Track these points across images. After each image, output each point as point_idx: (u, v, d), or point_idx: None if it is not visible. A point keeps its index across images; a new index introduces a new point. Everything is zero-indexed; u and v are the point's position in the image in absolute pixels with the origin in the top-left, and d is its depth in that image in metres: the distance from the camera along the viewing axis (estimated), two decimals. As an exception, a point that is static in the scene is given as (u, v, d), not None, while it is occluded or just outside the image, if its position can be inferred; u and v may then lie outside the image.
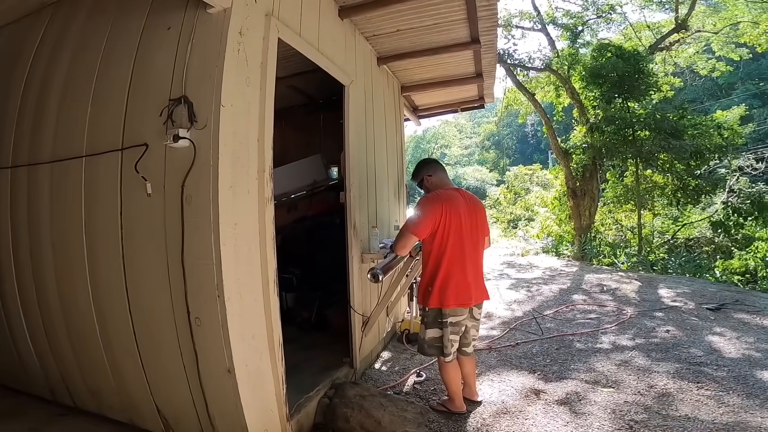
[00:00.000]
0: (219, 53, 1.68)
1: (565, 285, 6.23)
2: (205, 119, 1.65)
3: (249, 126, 1.83)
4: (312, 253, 3.90)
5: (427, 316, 2.42)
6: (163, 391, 1.97)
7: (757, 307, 4.55)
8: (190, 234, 1.67)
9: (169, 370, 1.88)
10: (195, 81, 1.71)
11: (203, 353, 1.75)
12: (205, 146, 1.64)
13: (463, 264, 2.33)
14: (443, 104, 5.78)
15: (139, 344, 1.95)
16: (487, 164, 34.32)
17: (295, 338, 3.43)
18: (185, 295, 1.71)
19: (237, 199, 1.72)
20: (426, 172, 2.53)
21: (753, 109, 17.38)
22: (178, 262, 1.70)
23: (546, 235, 11.33)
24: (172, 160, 1.72)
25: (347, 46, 3.05)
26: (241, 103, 1.78)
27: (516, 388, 2.86)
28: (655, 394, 2.67)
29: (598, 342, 3.71)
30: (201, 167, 1.64)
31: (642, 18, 13.67)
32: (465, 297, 2.34)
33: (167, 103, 1.71)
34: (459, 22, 3.25)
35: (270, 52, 1.97)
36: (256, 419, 1.84)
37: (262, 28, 1.95)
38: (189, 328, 1.74)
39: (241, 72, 1.79)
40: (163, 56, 1.81)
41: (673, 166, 8.33)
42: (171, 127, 1.66)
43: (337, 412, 2.38)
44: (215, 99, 1.64)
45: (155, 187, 1.75)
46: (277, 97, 2.00)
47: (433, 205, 2.30)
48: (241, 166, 1.75)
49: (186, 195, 1.67)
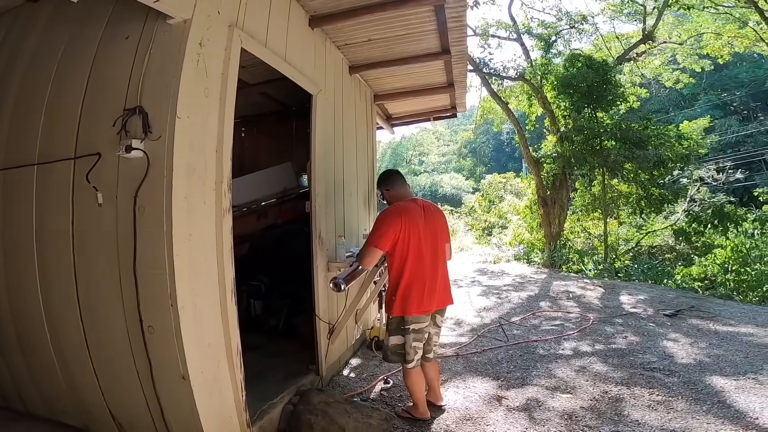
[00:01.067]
0: (177, 64, 1.69)
1: (533, 292, 6.38)
2: (160, 130, 1.66)
3: (206, 137, 1.85)
4: (281, 260, 3.89)
5: (390, 323, 2.48)
6: (117, 398, 1.96)
7: (712, 313, 4.77)
8: (142, 244, 1.68)
9: (123, 378, 1.88)
10: (151, 91, 1.72)
11: (157, 361, 1.76)
12: (159, 157, 1.65)
13: (423, 272, 2.40)
14: (416, 113, 5.87)
15: (91, 351, 1.93)
16: (464, 171, 34.88)
17: (261, 346, 3.44)
18: (138, 304, 1.71)
19: (192, 210, 1.73)
20: (384, 186, 2.61)
21: (715, 119, 18.24)
22: (131, 272, 1.70)
23: (518, 243, 11.59)
24: (125, 170, 1.72)
25: (317, 55, 3.09)
26: (199, 114, 1.80)
27: (479, 394, 2.93)
28: (609, 399, 2.77)
29: (560, 348, 3.82)
30: (154, 178, 1.65)
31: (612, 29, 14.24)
32: (426, 304, 2.41)
33: (122, 113, 1.71)
34: (429, 33, 3.33)
35: (232, 63, 1.99)
36: (214, 425, 1.85)
37: (225, 39, 1.96)
38: (142, 337, 1.74)
39: (200, 83, 1.81)
40: (120, 66, 1.81)
41: (637, 176, 8.67)
42: (124, 138, 1.67)
43: (301, 418, 2.39)
44: (171, 110, 1.66)
45: (107, 197, 1.75)
46: (249, 104, 2.03)
47: (392, 219, 2.37)
48: (197, 178, 1.77)
49: (139, 206, 1.67)
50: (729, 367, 3.19)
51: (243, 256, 3.72)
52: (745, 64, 20.92)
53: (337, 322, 3.14)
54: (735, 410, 2.55)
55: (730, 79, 21.03)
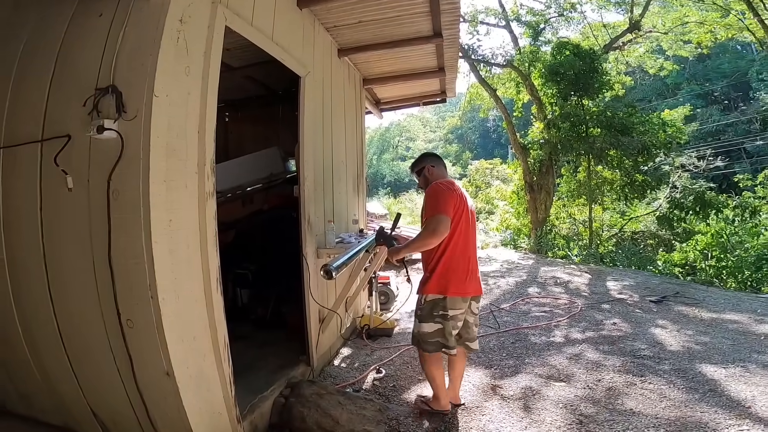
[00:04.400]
0: (154, 41, 1.57)
1: (521, 278, 6.41)
2: (135, 110, 1.54)
3: (188, 117, 1.73)
4: (269, 248, 3.80)
5: (423, 308, 2.35)
6: (98, 395, 1.87)
7: (696, 299, 4.84)
8: (117, 231, 1.57)
9: (102, 374, 1.78)
10: (125, 70, 1.60)
11: (138, 356, 1.66)
12: (134, 138, 1.53)
13: (467, 252, 2.33)
14: (406, 98, 5.78)
15: (67, 347, 1.83)
16: (450, 157, 34.90)
17: (249, 336, 3.35)
18: (114, 296, 1.60)
19: (172, 194, 1.62)
20: (429, 163, 2.52)
21: (697, 108, 18.66)
22: (105, 261, 1.59)
23: (505, 228, 11.69)
24: (96, 152, 1.59)
25: (305, 37, 2.96)
26: (179, 93, 1.68)
27: (474, 383, 2.90)
28: (603, 388, 2.76)
29: (551, 335, 3.82)
30: (130, 160, 1.53)
31: (599, 18, 14.29)
32: (467, 285, 2.32)
33: (93, 93, 1.58)
34: (421, 15, 3.22)
35: (215, 41, 1.87)
36: (203, 422, 1.77)
37: (208, 16, 1.84)
38: (120, 331, 1.64)
39: (181, 61, 1.68)
40: (92, 44, 1.68)
41: (621, 162, 8.79)
42: (96, 118, 1.54)
43: (293, 411, 2.33)
44: (148, 88, 1.53)
45: (78, 181, 1.62)
46: (233, 88, 1.91)
47: (450, 191, 2.28)
48: (177, 160, 1.65)
49: (113, 189, 1.55)
50: (717, 355, 3.21)
51: (228, 244, 3.61)
52: (727, 56, 21.35)
53: (329, 310, 3.08)
54: (727, 399, 2.55)
55: (713, 69, 21.47)
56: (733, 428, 2.21)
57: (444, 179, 2.43)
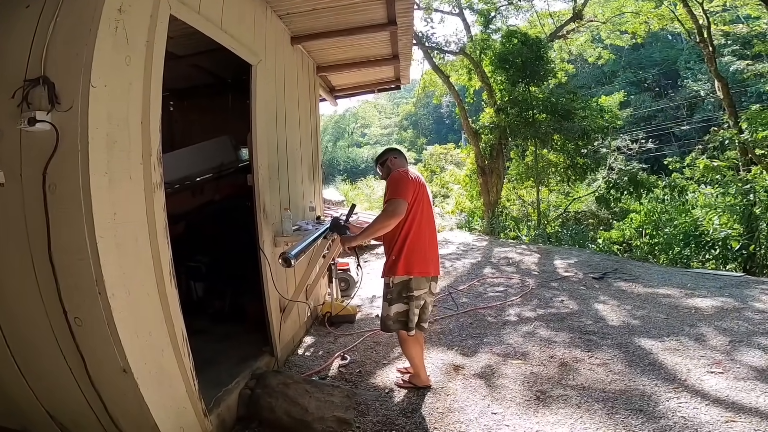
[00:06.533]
0: (90, 31, 1.50)
1: (476, 259, 6.65)
2: (71, 101, 1.47)
3: (129, 107, 1.66)
4: (223, 238, 3.71)
5: (391, 291, 2.46)
6: (53, 397, 1.81)
7: (633, 275, 5.19)
8: (57, 226, 1.50)
9: (54, 376, 1.72)
10: (57, 60, 1.52)
11: (90, 355, 1.62)
12: (71, 130, 1.46)
13: (428, 234, 2.50)
14: (360, 85, 5.78)
15: (12, 350, 1.75)
16: (405, 143, 35.27)
17: (207, 330, 3.27)
18: (58, 294, 1.54)
19: (115, 187, 1.57)
20: (392, 155, 2.74)
21: (631, 95, 19.98)
22: (45, 258, 1.52)
23: (459, 211, 12.08)
24: (29, 145, 1.51)
25: (257, 25, 2.90)
26: (119, 83, 1.61)
27: (437, 365, 3.00)
28: (556, 364, 2.92)
29: (506, 315, 4.00)
30: (66, 152, 1.46)
31: (546, 7, 14.85)
32: (428, 266, 2.47)
33: (22, 84, 1.49)
34: (376, 3, 3.24)
35: (159, 29, 1.79)
36: (168, 418, 1.76)
37: (150, 5, 1.76)
38: (69, 330, 1.58)
39: (120, 51, 1.61)
40: (19, 35, 1.59)
41: (564, 146, 9.34)
42: (26, 110, 1.45)
43: (260, 402, 2.32)
44: (84, 79, 1.46)
45: (10, 176, 1.54)
46: (178, 77, 1.84)
47: (408, 178, 2.43)
48: (119, 150, 1.59)
49: (49, 183, 1.48)
50: (654, 329, 3.42)
51: (179, 236, 3.48)
52: (659, 45, 22.92)
53: (290, 299, 3.09)
54: (665, 372, 2.73)
55: (646, 58, 22.98)
56: (673, 400, 2.38)
57: (403, 168, 2.58)
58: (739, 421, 2.16)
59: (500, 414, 2.37)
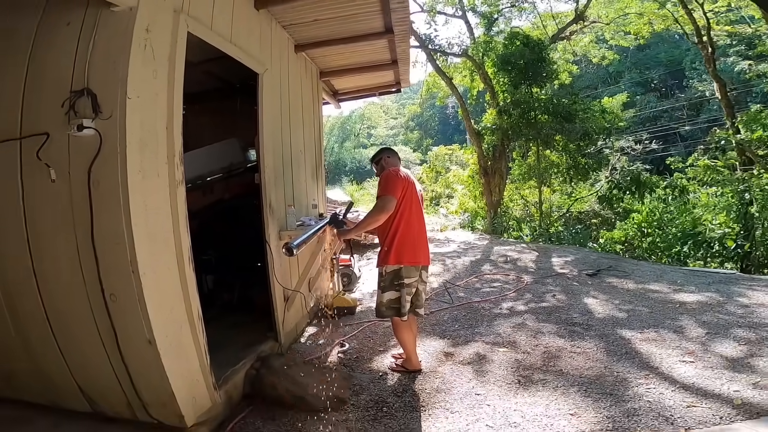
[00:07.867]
0: (124, 49, 1.77)
1: (476, 257, 6.76)
2: (110, 110, 1.75)
3: (157, 115, 1.94)
4: (232, 234, 3.95)
5: (384, 279, 2.70)
6: (84, 371, 2.05)
7: (626, 272, 5.26)
8: (99, 216, 1.78)
9: (88, 349, 1.97)
10: (98, 74, 1.79)
11: (122, 327, 1.88)
12: (111, 134, 1.74)
13: (418, 227, 2.73)
14: (362, 88, 5.99)
15: (53, 326, 2.01)
16: (411, 144, 35.38)
17: (217, 318, 3.46)
18: (98, 273, 1.82)
19: (146, 182, 1.85)
20: (386, 154, 2.96)
21: (636, 95, 19.93)
22: (89, 243, 1.80)
23: (463, 211, 12.26)
24: (76, 147, 1.79)
25: (263, 36, 3.15)
26: (148, 94, 1.89)
27: (429, 352, 3.18)
28: (540, 351, 3.08)
29: (499, 308, 4.13)
30: (108, 154, 1.75)
31: (549, 8, 14.96)
32: (418, 256, 2.69)
33: (69, 95, 1.77)
34: (374, 13, 3.47)
35: (179, 46, 2.06)
36: (183, 388, 1.98)
37: (171, 24, 2.03)
38: (105, 305, 1.86)
39: (148, 65, 1.89)
40: (63, 51, 1.85)
41: (566, 147, 9.48)
42: (74, 117, 1.74)
43: (264, 381, 2.51)
44: (121, 91, 1.74)
45: (60, 173, 1.82)
46: (193, 82, 2.11)
47: (398, 177, 2.66)
48: (149, 152, 1.88)
49: (93, 180, 1.77)
50: (636, 322, 3.53)
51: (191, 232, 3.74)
52: (665, 45, 22.78)
53: (293, 289, 3.34)
54: (640, 360, 2.87)
55: (651, 58, 22.83)
56: (642, 386, 2.52)
57: (395, 167, 2.81)
58: (699, 406, 2.29)
59: (483, 395, 2.57)
